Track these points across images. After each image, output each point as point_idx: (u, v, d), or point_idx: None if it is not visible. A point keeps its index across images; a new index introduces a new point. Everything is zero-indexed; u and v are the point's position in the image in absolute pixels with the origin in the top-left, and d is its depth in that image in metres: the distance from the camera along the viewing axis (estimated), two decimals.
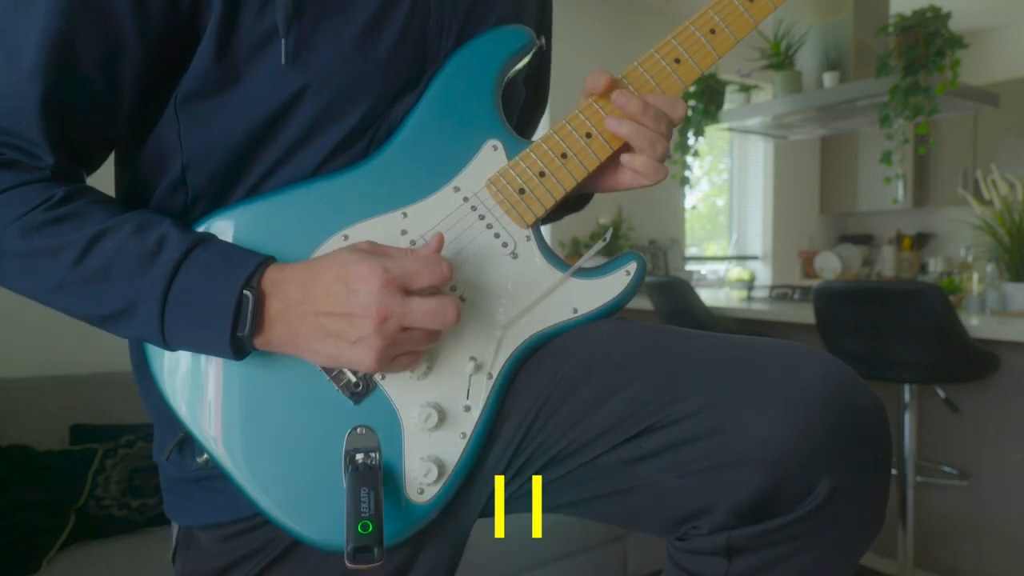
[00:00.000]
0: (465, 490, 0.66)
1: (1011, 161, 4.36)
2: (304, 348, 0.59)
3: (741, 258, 4.91)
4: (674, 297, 2.65)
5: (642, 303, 2.96)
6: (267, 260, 0.60)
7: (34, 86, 0.57)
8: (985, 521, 2.20)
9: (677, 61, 0.69)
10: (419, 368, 0.63)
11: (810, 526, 0.57)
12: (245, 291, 0.57)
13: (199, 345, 0.59)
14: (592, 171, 0.69)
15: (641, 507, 0.63)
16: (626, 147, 0.69)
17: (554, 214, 0.84)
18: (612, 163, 0.71)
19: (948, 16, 2.69)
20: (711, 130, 3.47)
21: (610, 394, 0.61)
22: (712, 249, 4.90)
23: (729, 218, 5.01)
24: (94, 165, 0.66)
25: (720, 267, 4.74)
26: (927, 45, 2.66)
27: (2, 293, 0.65)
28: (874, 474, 0.58)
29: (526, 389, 0.65)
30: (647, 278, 2.84)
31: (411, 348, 0.59)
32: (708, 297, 3.07)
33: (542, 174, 0.68)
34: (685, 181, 3.50)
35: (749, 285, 3.33)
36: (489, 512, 0.69)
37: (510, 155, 0.68)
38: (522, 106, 0.82)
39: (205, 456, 0.65)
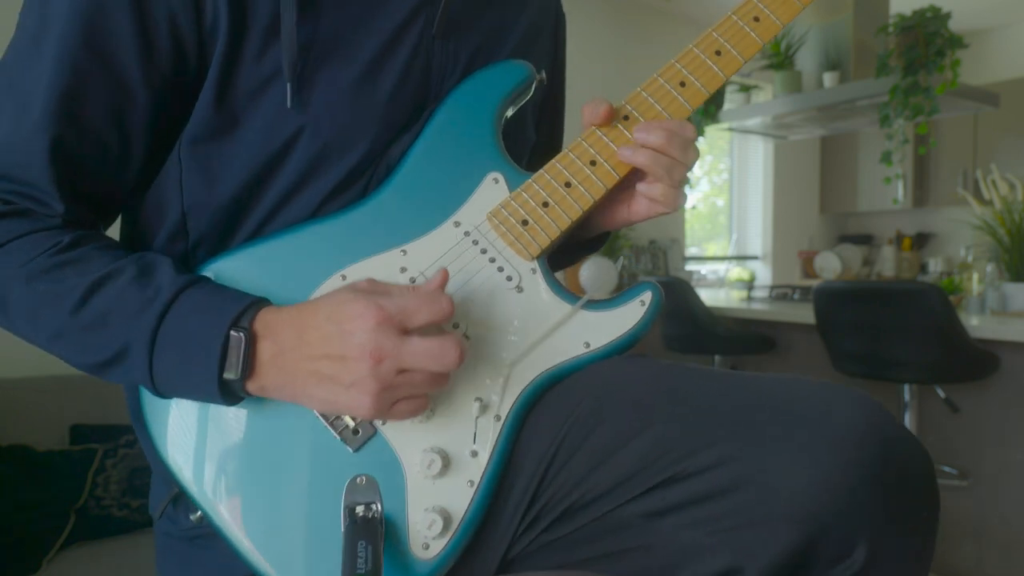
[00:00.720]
0: (478, 544, 0.61)
1: (1011, 161, 4.36)
2: (300, 393, 0.56)
3: (741, 258, 4.91)
4: (674, 297, 2.65)
5: None
6: (259, 301, 0.58)
7: (43, 135, 0.57)
8: (985, 521, 2.20)
9: (682, 84, 0.67)
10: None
11: None
12: (234, 331, 0.55)
13: (188, 388, 0.57)
14: (598, 200, 0.66)
15: (662, 567, 0.57)
16: (634, 174, 0.67)
17: (569, 254, 0.82)
18: (625, 195, 0.69)
19: (948, 16, 2.69)
20: (711, 130, 3.48)
21: (628, 439, 0.57)
22: (712, 249, 4.90)
23: (729, 218, 5.01)
24: (110, 218, 0.66)
25: (720, 267, 4.74)
26: (927, 45, 2.66)
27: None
28: (921, 533, 0.52)
29: (539, 432, 0.61)
30: (647, 278, 2.83)
31: (412, 392, 0.56)
32: (708, 297, 3.07)
33: (546, 204, 0.65)
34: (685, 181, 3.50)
35: (749, 285, 3.34)
36: (504, 568, 0.63)
37: (512, 187, 0.65)
38: (534, 149, 0.81)
39: (199, 513, 0.62)
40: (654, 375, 0.62)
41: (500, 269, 0.64)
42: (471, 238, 0.64)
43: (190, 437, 0.62)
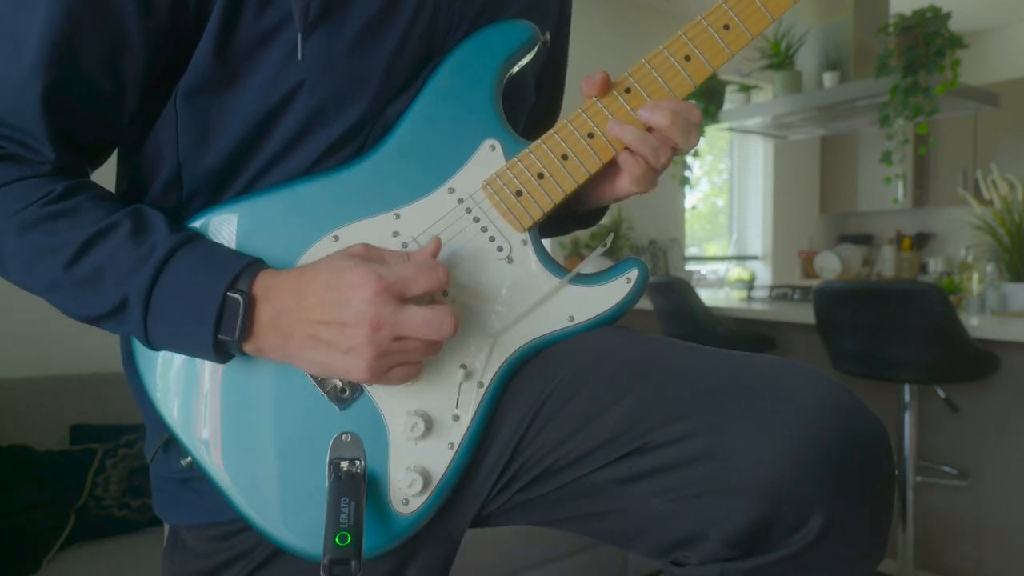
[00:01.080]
0: (455, 501, 0.64)
1: (1011, 161, 4.36)
2: (295, 355, 0.57)
3: (741, 258, 4.91)
4: (674, 297, 2.65)
5: (642, 303, 2.96)
6: (254, 263, 0.59)
7: (36, 81, 0.57)
8: (985, 521, 2.20)
9: (687, 58, 0.65)
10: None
11: (804, 562, 0.54)
12: (232, 294, 0.56)
13: (182, 346, 0.58)
14: (594, 173, 0.66)
15: (631, 529, 0.61)
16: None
17: (561, 226, 0.82)
18: (611, 171, 0.69)
19: (948, 16, 2.69)
20: (711, 130, 3.48)
21: (602, 409, 0.59)
22: (712, 249, 4.90)
23: (729, 218, 5.01)
24: (98, 161, 0.66)
25: (720, 267, 4.74)
26: (927, 45, 2.66)
27: (2, 293, 0.65)
28: (872, 505, 0.55)
29: (519, 399, 0.63)
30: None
31: (406, 359, 0.58)
32: (708, 297, 3.07)
33: (541, 176, 0.65)
34: (685, 181, 3.50)
35: (749, 285, 3.33)
36: (479, 522, 0.67)
37: (508, 155, 0.65)
38: (532, 110, 0.80)
39: (188, 459, 0.64)
40: (634, 347, 0.63)
41: (492, 239, 0.65)
42: (464, 206, 0.64)
43: (180, 386, 0.63)
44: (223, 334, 0.56)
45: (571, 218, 0.79)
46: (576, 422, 0.60)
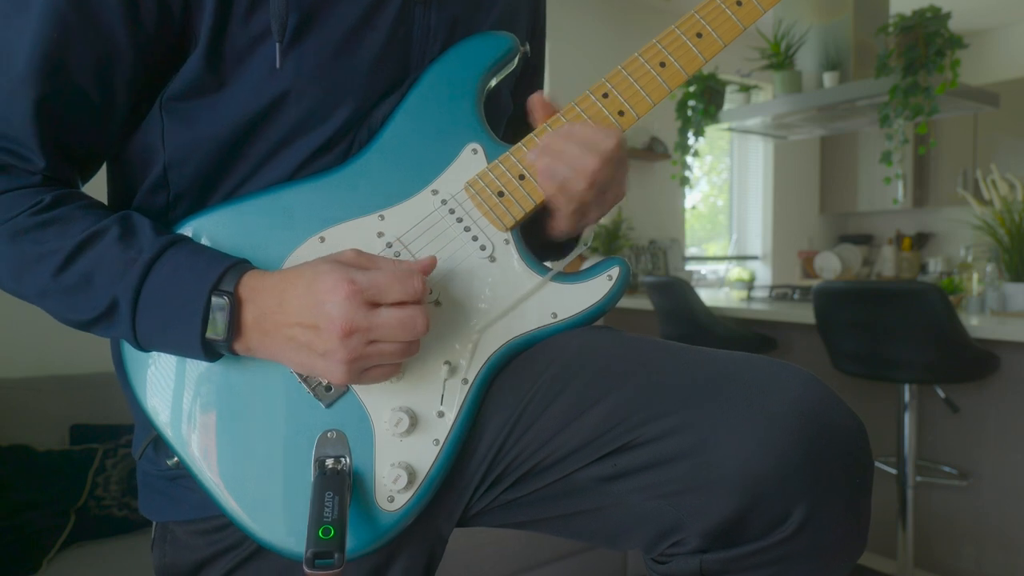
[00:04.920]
0: (442, 499, 0.64)
1: (1011, 161, 4.36)
2: (279, 354, 0.59)
3: (741, 258, 4.91)
4: (674, 297, 2.65)
5: (642, 303, 2.96)
6: (239, 264, 0.59)
7: (27, 91, 0.58)
8: (985, 521, 2.20)
9: (662, 65, 0.68)
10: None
11: (783, 553, 0.56)
12: (217, 296, 0.57)
13: (171, 346, 0.59)
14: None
15: (614, 527, 0.62)
16: None
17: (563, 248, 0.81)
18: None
19: (948, 16, 2.69)
20: (711, 130, 3.47)
21: (586, 407, 0.60)
22: (712, 249, 4.90)
23: (729, 218, 5.01)
24: (88, 173, 0.67)
25: (720, 267, 4.74)
26: (927, 45, 2.66)
27: (2, 293, 0.66)
28: (851, 499, 0.56)
29: (504, 398, 0.64)
30: (647, 278, 2.83)
31: (383, 362, 0.58)
32: (708, 297, 3.07)
33: (522, 177, 0.67)
34: (685, 181, 3.50)
35: (749, 285, 3.33)
36: (465, 521, 0.68)
37: (490, 158, 0.67)
38: (511, 118, 0.82)
39: (175, 459, 0.64)
40: (617, 346, 0.64)
41: (474, 238, 0.66)
42: (447, 206, 0.66)
43: (168, 385, 0.64)
44: (210, 334, 0.57)
45: (550, 247, 0.79)
46: (560, 421, 0.61)
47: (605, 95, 0.68)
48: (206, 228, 0.64)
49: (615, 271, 0.67)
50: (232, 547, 0.67)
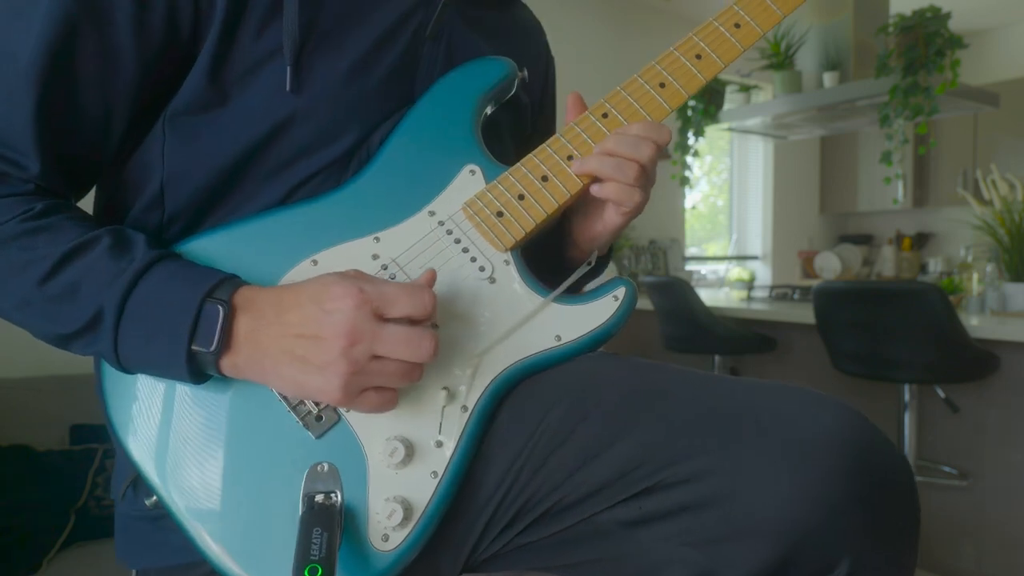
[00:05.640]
0: (444, 538, 0.59)
1: (1011, 161, 4.36)
2: (270, 372, 0.55)
3: (741, 258, 4.91)
4: (674, 297, 2.65)
5: (642, 303, 2.96)
6: (233, 277, 0.57)
7: (29, 92, 0.56)
8: (985, 521, 2.20)
9: (662, 85, 0.68)
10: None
11: None
12: (212, 302, 0.54)
13: (153, 362, 0.56)
14: (575, 195, 0.66)
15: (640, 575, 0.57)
16: None
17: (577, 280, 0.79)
18: (596, 205, 0.70)
19: (948, 16, 2.69)
20: (711, 130, 3.47)
21: (607, 444, 0.56)
22: (712, 249, 4.90)
23: (729, 218, 5.01)
24: (82, 189, 0.65)
25: (720, 267, 4.74)
26: (927, 45, 2.66)
27: None
28: (901, 547, 0.52)
29: (511, 432, 0.60)
30: (647, 278, 2.83)
31: (383, 382, 0.55)
32: (708, 297, 3.07)
33: (521, 196, 0.65)
34: (685, 181, 3.50)
35: (749, 285, 3.33)
36: (474, 567, 0.62)
37: (488, 179, 0.66)
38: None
39: (153, 498, 0.60)
40: (633, 376, 0.61)
41: (473, 259, 0.64)
42: (445, 228, 0.64)
43: (147, 419, 0.61)
44: (197, 344, 0.54)
45: (582, 267, 0.76)
46: (577, 459, 0.57)
47: (605, 115, 0.67)
48: (198, 251, 0.62)
49: (621, 291, 0.64)
50: None
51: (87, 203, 0.68)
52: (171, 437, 0.60)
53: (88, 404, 1.98)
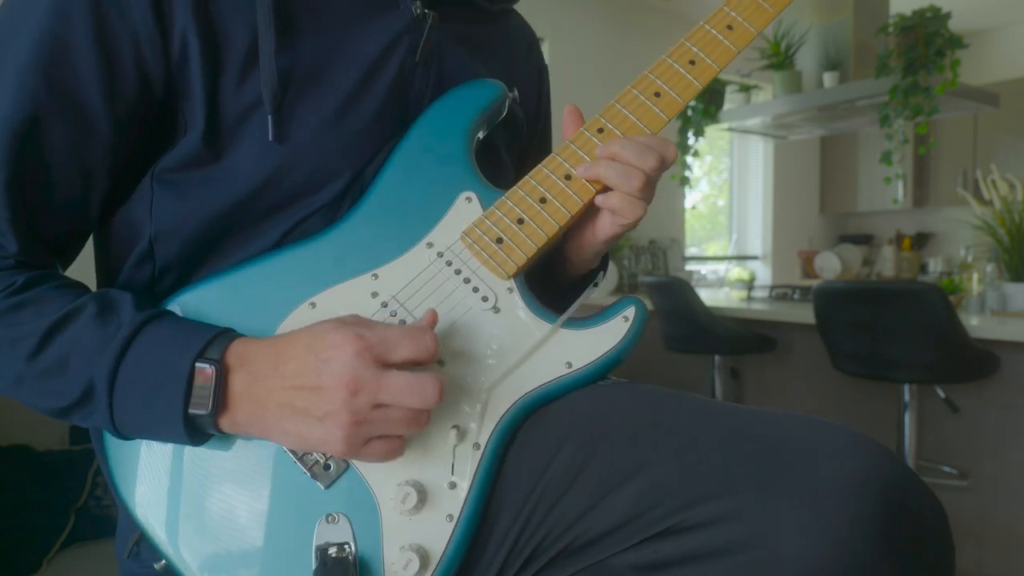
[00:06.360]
0: None
1: (1011, 161, 4.36)
2: (272, 427, 0.53)
3: (741, 258, 4.91)
4: (674, 297, 2.65)
5: None
6: (225, 332, 0.55)
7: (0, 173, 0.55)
8: (985, 521, 2.20)
9: (657, 95, 0.66)
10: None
11: None
12: (202, 364, 0.52)
13: (151, 428, 0.54)
14: (576, 214, 0.64)
15: None
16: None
17: (565, 297, 0.77)
18: (589, 217, 0.67)
19: (948, 16, 2.69)
20: (711, 130, 3.48)
21: (621, 481, 0.53)
22: (712, 249, 4.90)
23: (729, 218, 5.01)
24: (67, 256, 0.64)
25: (720, 267, 4.74)
26: (927, 45, 2.66)
27: None
28: None
29: (522, 471, 0.57)
30: (647, 278, 2.83)
31: (387, 431, 0.53)
32: (708, 297, 3.07)
33: (520, 221, 0.63)
34: (685, 181, 3.51)
35: (749, 285, 3.33)
36: None
37: (485, 205, 0.64)
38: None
39: (162, 562, 0.58)
40: (644, 406, 0.58)
41: (475, 290, 0.62)
42: (444, 259, 0.62)
43: (148, 480, 0.59)
44: (194, 408, 0.52)
45: (570, 286, 0.75)
46: (589, 498, 0.54)
47: (600, 130, 0.65)
48: (192, 303, 0.60)
49: (631, 311, 0.61)
50: None
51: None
52: (177, 497, 0.58)
53: None
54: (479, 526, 0.57)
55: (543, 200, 0.64)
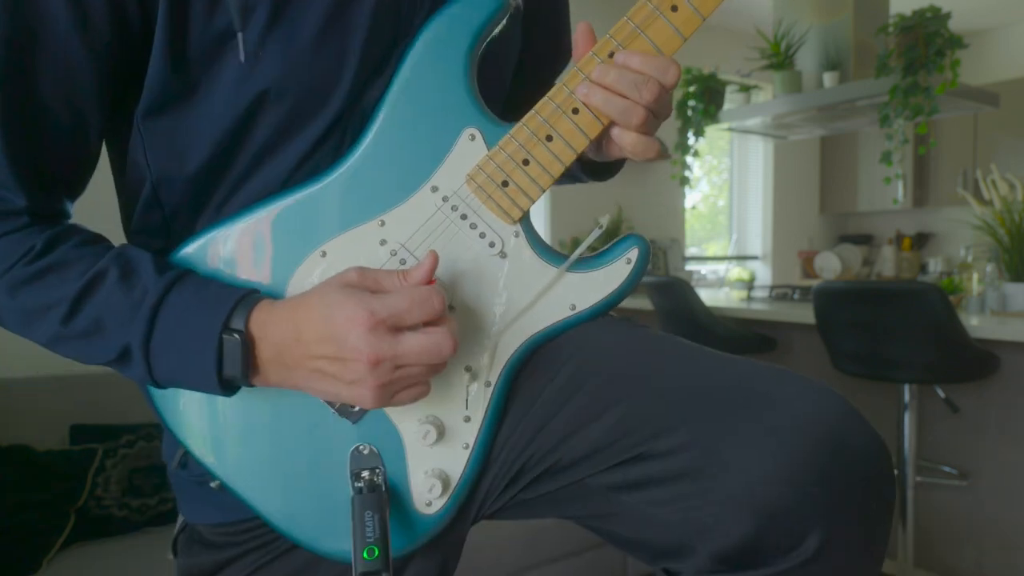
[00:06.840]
0: (468, 501, 0.65)
1: (1011, 161, 4.36)
2: (303, 386, 0.58)
3: (741, 258, 4.91)
4: (674, 297, 2.65)
5: (642, 303, 2.96)
6: (247, 296, 0.58)
7: None
8: (985, 521, 2.20)
9: (674, 8, 0.60)
10: None
11: None
12: (227, 336, 0.56)
13: (191, 387, 0.59)
14: (581, 152, 0.62)
15: (627, 535, 0.62)
16: None
17: (580, 176, 0.76)
18: (604, 137, 0.64)
19: (948, 16, 2.68)
20: (711, 130, 3.47)
21: (598, 413, 0.59)
22: (712, 249, 4.90)
23: (729, 218, 5.01)
24: (76, 190, 0.64)
25: (720, 267, 4.74)
26: (927, 45, 2.66)
27: None
28: (869, 525, 0.54)
29: (521, 397, 0.63)
30: (647, 278, 2.83)
31: (412, 383, 0.57)
32: (708, 297, 3.06)
33: (526, 162, 0.61)
34: (685, 181, 3.50)
35: (749, 285, 3.33)
36: (478, 519, 0.68)
37: (490, 143, 0.62)
38: (535, 66, 0.76)
39: (217, 483, 0.65)
40: (632, 346, 0.63)
41: (482, 235, 0.63)
42: (450, 204, 0.62)
43: (196, 415, 0.64)
44: (227, 372, 0.57)
45: (588, 170, 0.75)
46: (572, 424, 0.60)
47: (611, 54, 0.61)
48: (203, 253, 0.62)
49: (634, 253, 0.63)
50: (260, 547, 0.68)
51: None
52: (220, 428, 0.64)
53: (88, 404, 1.99)
54: (490, 451, 0.63)
55: (549, 138, 0.61)
